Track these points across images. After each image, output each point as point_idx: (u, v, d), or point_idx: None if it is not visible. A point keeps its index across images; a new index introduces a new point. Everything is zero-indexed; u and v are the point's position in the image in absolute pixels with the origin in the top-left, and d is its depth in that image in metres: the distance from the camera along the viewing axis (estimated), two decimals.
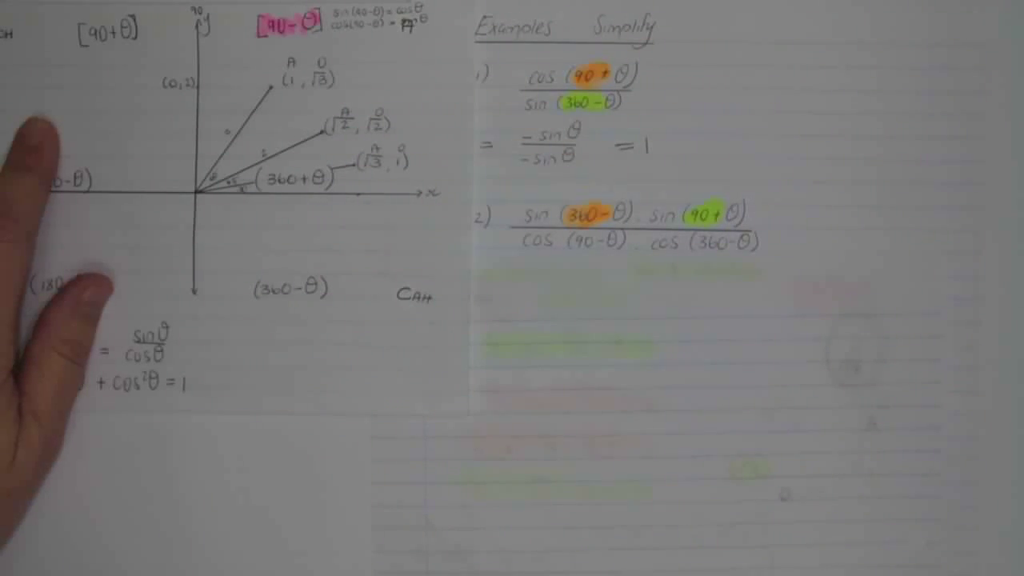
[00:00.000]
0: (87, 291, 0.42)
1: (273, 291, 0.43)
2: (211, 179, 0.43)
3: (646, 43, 0.44)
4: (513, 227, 0.44)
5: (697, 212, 0.44)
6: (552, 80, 0.43)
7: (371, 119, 0.43)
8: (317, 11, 0.43)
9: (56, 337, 0.41)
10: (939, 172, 0.44)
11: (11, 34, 0.42)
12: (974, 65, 0.44)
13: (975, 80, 0.44)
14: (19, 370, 0.41)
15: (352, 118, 0.43)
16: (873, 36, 0.44)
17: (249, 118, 0.43)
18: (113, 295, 0.43)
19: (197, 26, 0.43)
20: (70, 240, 0.43)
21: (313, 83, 0.43)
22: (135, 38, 0.43)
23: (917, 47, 0.44)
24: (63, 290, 0.42)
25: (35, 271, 0.42)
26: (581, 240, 0.44)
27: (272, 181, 0.43)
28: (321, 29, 0.43)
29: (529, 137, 0.44)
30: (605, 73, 0.44)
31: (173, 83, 0.43)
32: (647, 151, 0.44)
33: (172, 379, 0.43)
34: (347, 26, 0.43)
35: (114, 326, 0.43)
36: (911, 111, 0.44)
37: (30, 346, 0.41)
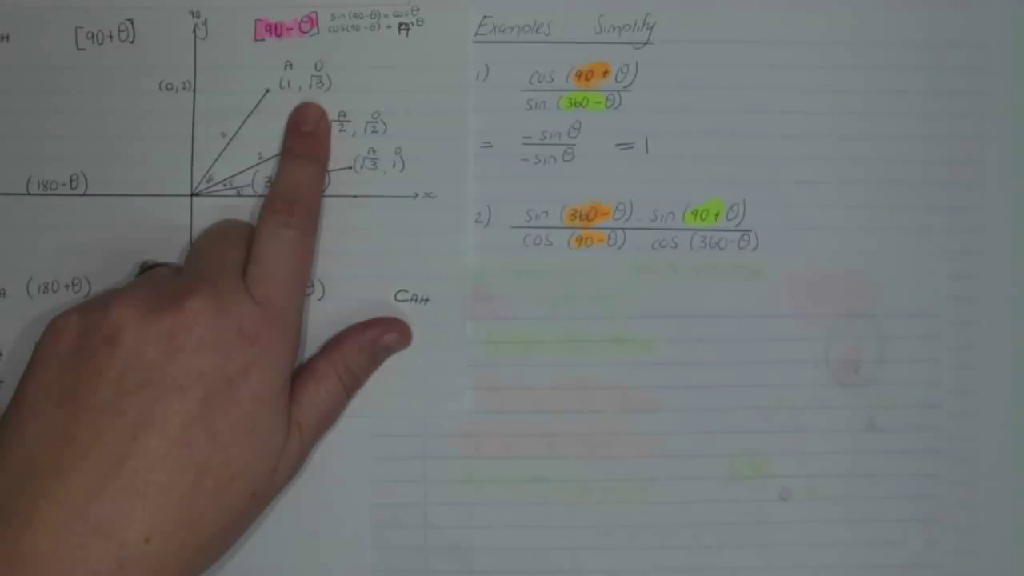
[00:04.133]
0: (389, 335, 0.42)
1: None
2: (207, 182, 0.43)
3: (646, 43, 0.43)
4: (513, 227, 0.44)
5: (697, 212, 0.44)
6: (552, 80, 0.43)
7: (368, 122, 0.43)
8: (314, 15, 0.43)
9: (342, 362, 0.41)
10: (939, 172, 0.44)
11: (8, 37, 0.43)
12: (974, 65, 0.44)
13: (975, 80, 0.44)
14: (294, 378, 0.40)
15: (349, 121, 0.43)
16: (874, 36, 0.44)
17: (245, 121, 0.43)
18: None
19: (194, 30, 0.43)
20: (66, 244, 0.43)
21: (310, 86, 0.43)
22: (132, 42, 0.43)
23: (917, 47, 0.44)
24: (369, 323, 0.42)
25: (31, 274, 0.42)
26: (581, 240, 0.44)
27: (268, 184, 0.43)
28: (318, 33, 0.43)
29: (529, 137, 0.43)
30: (605, 73, 0.43)
31: (170, 86, 0.43)
32: (647, 151, 0.44)
33: None
34: (344, 30, 0.43)
35: None
36: (911, 111, 0.44)
37: (315, 360, 0.41)
